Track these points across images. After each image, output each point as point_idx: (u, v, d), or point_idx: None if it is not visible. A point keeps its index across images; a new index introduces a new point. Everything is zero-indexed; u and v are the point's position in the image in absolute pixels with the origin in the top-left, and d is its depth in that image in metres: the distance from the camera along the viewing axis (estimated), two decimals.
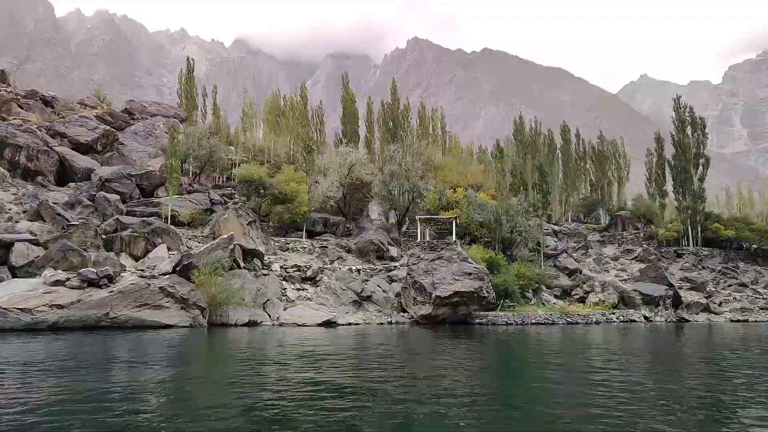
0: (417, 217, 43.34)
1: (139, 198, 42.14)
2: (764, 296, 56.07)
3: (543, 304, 45.92)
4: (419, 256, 40.56)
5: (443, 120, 73.47)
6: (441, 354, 20.92)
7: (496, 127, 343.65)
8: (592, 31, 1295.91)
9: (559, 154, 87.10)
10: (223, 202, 46.35)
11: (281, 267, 39.88)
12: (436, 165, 61.15)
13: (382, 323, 36.99)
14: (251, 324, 31.93)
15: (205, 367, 16.42)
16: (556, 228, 67.53)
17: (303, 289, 38.77)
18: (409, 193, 48.44)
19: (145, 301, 26.71)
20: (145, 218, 35.69)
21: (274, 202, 44.36)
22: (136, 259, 32.45)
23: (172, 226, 36.62)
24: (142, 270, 30.03)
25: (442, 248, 40.89)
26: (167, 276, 29.67)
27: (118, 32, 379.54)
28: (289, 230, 47.15)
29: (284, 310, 35.09)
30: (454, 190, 57.67)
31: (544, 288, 48.65)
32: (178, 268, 30.21)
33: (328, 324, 33.62)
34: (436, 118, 72.03)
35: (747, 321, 50.92)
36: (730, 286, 58.25)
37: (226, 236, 34.44)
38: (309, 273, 40.32)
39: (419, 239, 42.35)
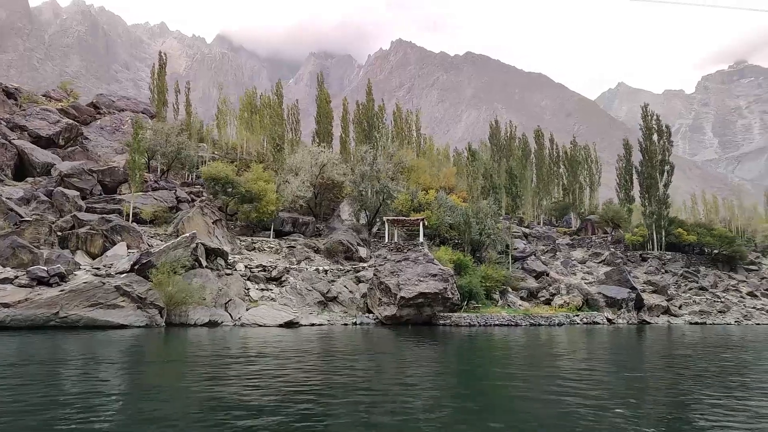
0: (385, 219, 43.45)
1: (100, 194, 41.43)
2: (722, 300, 57.41)
3: (509, 305, 46.38)
4: (386, 257, 40.70)
5: (418, 122, 73.71)
6: (389, 354, 21.03)
7: (478, 130, 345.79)
8: (572, 38, 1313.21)
9: (533, 159, 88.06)
10: (190, 200, 45.89)
11: (246, 267, 39.62)
12: (409, 166, 61.36)
13: (346, 324, 36.99)
14: (211, 324, 31.66)
15: (149, 368, 16.24)
16: (527, 231, 68.24)
17: (267, 290, 38.58)
18: (380, 194, 48.51)
19: (99, 300, 26.29)
20: (105, 215, 35.11)
21: (241, 200, 44.04)
22: (93, 257, 31.92)
23: (134, 224, 36.15)
24: (98, 268, 29.55)
25: (409, 249, 41.07)
26: (125, 275, 29.27)
27: (94, 24, 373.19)
28: (256, 230, 46.87)
29: (246, 310, 34.86)
30: (426, 191, 58.03)
31: (510, 290, 49.13)
32: (136, 267, 29.83)
33: (290, 325, 33.50)
34: (411, 119, 72.20)
35: (705, 323, 52.11)
36: (690, 289, 59.49)
37: (188, 234, 34.11)
38: (274, 273, 40.13)
39: (387, 240, 42.49)
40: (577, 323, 45.67)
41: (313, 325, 35.16)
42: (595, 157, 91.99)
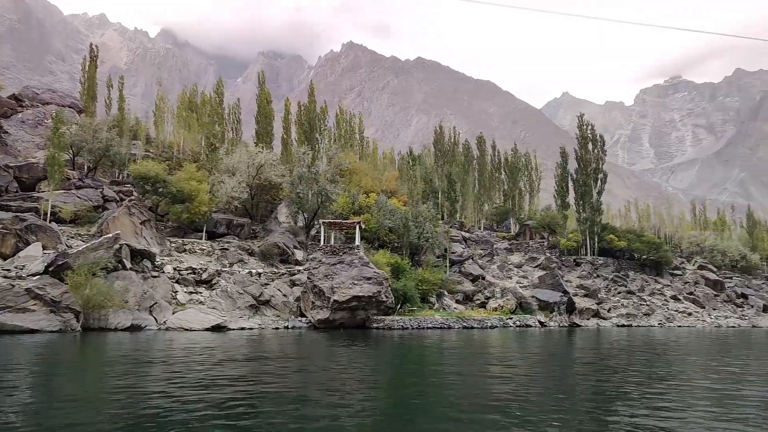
0: (321, 221, 43.00)
1: (17, 191, 39.19)
2: (648, 303, 59.91)
3: (444, 308, 46.83)
4: (320, 260, 40.22)
5: (362, 125, 73.58)
6: (307, 359, 20.72)
7: (428, 135, 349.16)
8: (520, 48, 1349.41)
9: (476, 165, 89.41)
10: (118, 199, 44.09)
11: (175, 269, 38.37)
12: (350, 169, 61.09)
13: (278, 328, 36.41)
14: (134, 328, 30.49)
15: (46, 378, 15.31)
16: (467, 235, 69.19)
17: (196, 293, 37.50)
18: (318, 196, 48.03)
19: (7, 303, 24.83)
20: (20, 214, 33.20)
21: (173, 201, 42.64)
22: (5, 258, 30.10)
23: (52, 224, 34.36)
24: (8, 270, 27.87)
25: (344, 252, 40.75)
26: (38, 277, 27.77)
27: (27, 12, 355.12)
28: (188, 231, 45.51)
29: (173, 314, 33.78)
30: (367, 195, 57.91)
31: (446, 293, 49.63)
32: (51, 269, 28.35)
33: (218, 329, 32.66)
34: (354, 122, 72.00)
35: (631, 326, 54.21)
36: (619, 293, 61.77)
37: (111, 235, 32.72)
38: (205, 276, 39.05)
39: (322, 243, 42.03)
40: (510, 326, 46.57)
41: (242, 329, 34.40)
42: (535, 164, 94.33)
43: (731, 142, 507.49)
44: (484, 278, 56.39)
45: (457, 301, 50.62)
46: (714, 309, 66.28)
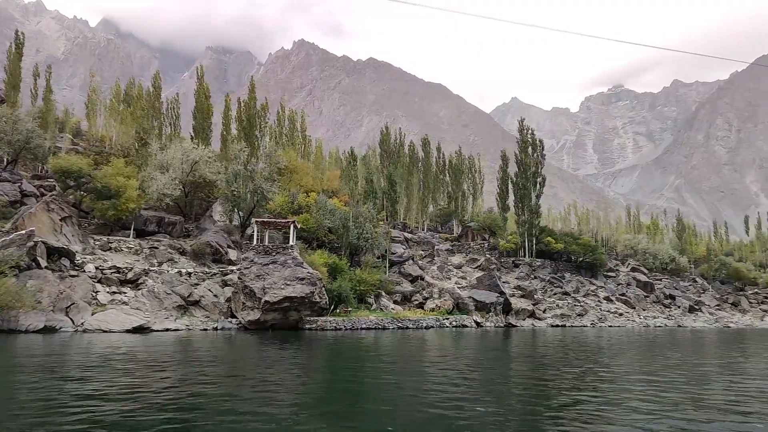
0: (254, 220, 42.05)
1: None
2: (582, 304, 61.68)
3: (381, 309, 46.71)
4: (252, 260, 39.34)
5: (304, 123, 72.68)
6: (220, 361, 20.04)
7: (379, 135, 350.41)
8: (471, 52, 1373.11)
9: (421, 166, 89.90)
10: (38, 194, 41.84)
11: (97, 268, 36.69)
12: (291, 168, 60.20)
13: (206, 329, 35.36)
14: (48, 330, 28.96)
15: None
16: (408, 236, 69.45)
17: (120, 293, 35.97)
18: (254, 194, 47.04)
19: None
20: None
21: (98, 197, 40.79)
22: None
23: None
24: None
25: (278, 252, 39.99)
26: None
27: None
28: (115, 229, 43.68)
29: (92, 315, 32.29)
30: (308, 194, 57.24)
31: (384, 294, 49.54)
32: None
33: (140, 330, 31.42)
34: (295, 119, 71.02)
35: (565, 326, 55.58)
36: (555, 294, 63.35)
37: (23, 232, 30.93)
38: (130, 275, 37.51)
39: (256, 242, 41.12)
40: (447, 326, 46.89)
41: (167, 330, 33.22)
42: (479, 167, 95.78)
43: (669, 150, 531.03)
44: (423, 279, 56.66)
45: (396, 302, 50.63)
46: (644, 309, 68.91)
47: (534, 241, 69.82)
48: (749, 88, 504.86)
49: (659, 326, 61.86)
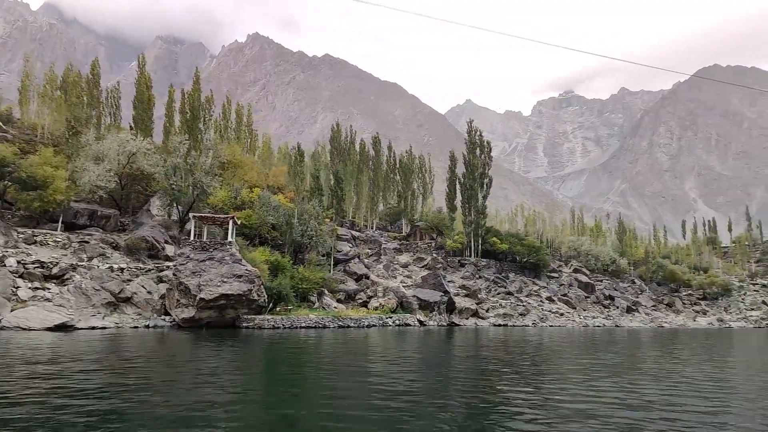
0: (192, 215, 40.72)
1: None
2: (524, 304, 62.75)
3: (324, 308, 46.11)
4: (188, 256, 38.03)
5: (250, 117, 71.12)
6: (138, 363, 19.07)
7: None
8: (427, 52, 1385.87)
9: (372, 165, 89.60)
10: None
11: (19, 262, 34.67)
12: (235, 162, 58.77)
13: (137, 327, 33.93)
14: None
15: None
16: (356, 234, 69.04)
17: (43, 288, 34.07)
18: (193, 188, 45.57)
19: None
20: None
21: (23, 187, 38.57)
22: None
23: None
24: None
25: (215, 249, 38.82)
26: None
27: None
28: (42, 221, 41.45)
29: (10, 311, 30.40)
30: (252, 189, 56.02)
31: (327, 292, 48.96)
32: None
33: (63, 328, 29.78)
34: (242, 113, 69.42)
35: (507, 325, 56.38)
36: (498, 294, 64.23)
37: None
38: (56, 270, 35.62)
39: (193, 238, 39.81)
40: (390, 325, 46.70)
41: (94, 328, 31.66)
42: (429, 167, 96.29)
43: (615, 155, 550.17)
44: (368, 277, 56.38)
45: (339, 300, 50.13)
46: (584, 310, 70.76)
47: (480, 241, 70.62)
48: (690, 99, 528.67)
49: (598, 326, 63.60)
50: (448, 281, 60.99)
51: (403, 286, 56.92)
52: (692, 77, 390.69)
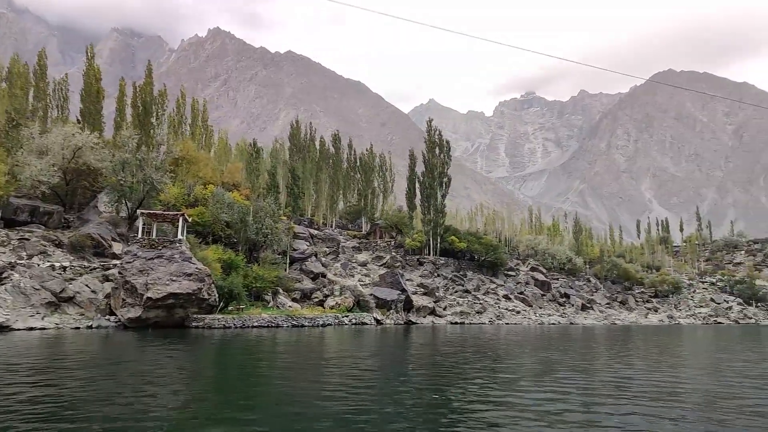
0: (139, 212, 39.43)
1: None
2: (481, 302, 63.24)
3: (278, 307, 45.39)
4: (136, 254, 36.79)
5: (206, 113, 69.51)
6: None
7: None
8: (390, 51, 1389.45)
9: (331, 162, 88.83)
10: None
11: None
12: (189, 158, 57.27)
13: (79, 328, 32.61)
14: None
15: None
16: (314, 232, 68.22)
17: None
18: (143, 184, 44.14)
19: None
20: None
21: None
22: None
23: None
24: None
25: (164, 246, 37.66)
26: None
27: None
28: None
29: None
30: (206, 186, 54.78)
31: (282, 291, 48.21)
32: None
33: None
34: (197, 109, 67.78)
35: (464, 323, 56.70)
36: (456, 292, 64.56)
37: None
38: None
39: (140, 235, 38.52)
40: (346, 324, 46.29)
41: (32, 329, 30.28)
42: (390, 165, 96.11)
43: (574, 156, 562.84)
44: (325, 276, 55.82)
45: (294, 300, 49.44)
46: (540, 307, 71.82)
47: (439, 240, 70.86)
48: (646, 102, 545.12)
49: (553, 323, 64.62)
50: (407, 280, 60.97)
51: (361, 285, 56.60)
52: (648, 81, 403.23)
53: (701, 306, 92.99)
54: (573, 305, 77.00)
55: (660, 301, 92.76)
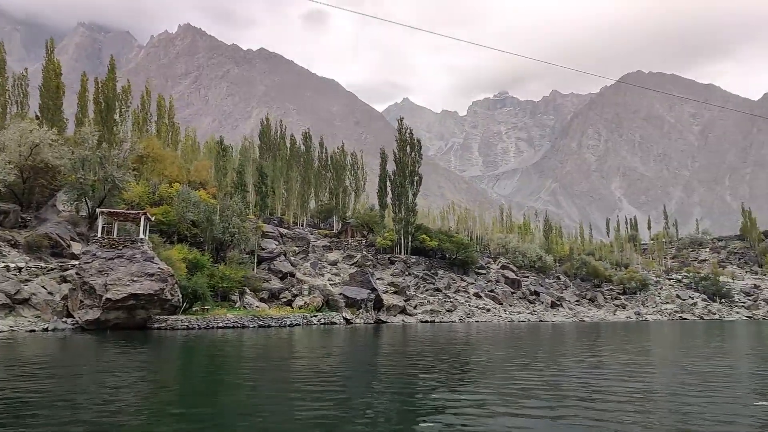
0: (99, 211, 38.31)
1: None
2: (452, 300, 63.34)
3: (245, 307, 44.65)
4: (95, 254, 35.75)
5: (172, 110, 68.03)
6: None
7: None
8: (365, 50, 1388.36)
9: (302, 161, 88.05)
10: None
11: None
12: (154, 156, 56.00)
13: (34, 330, 31.53)
14: None
15: None
16: (284, 231, 67.46)
17: None
18: (104, 183, 42.93)
19: None
20: None
21: None
22: None
23: None
24: None
25: (125, 246, 36.68)
26: None
27: None
28: None
29: None
30: (171, 184, 53.67)
31: (249, 291, 47.46)
32: None
33: None
34: (163, 105, 66.31)
35: (434, 321, 56.64)
36: (427, 290, 64.52)
37: None
38: None
39: (100, 235, 37.42)
40: (314, 324, 45.76)
41: None
42: (361, 164, 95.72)
43: (546, 155, 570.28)
44: (293, 275, 55.16)
45: (262, 300, 48.72)
46: (510, 305, 72.27)
47: (410, 239, 70.75)
48: (616, 102, 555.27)
49: (523, 321, 65.04)
50: (377, 279, 60.68)
51: (331, 284, 56.12)
52: (618, 82, 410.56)
53: (667, 302, 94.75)
54: (543, 303, 77.69)
55: (628, 298, 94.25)
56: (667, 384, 15.34)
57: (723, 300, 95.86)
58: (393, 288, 61.29)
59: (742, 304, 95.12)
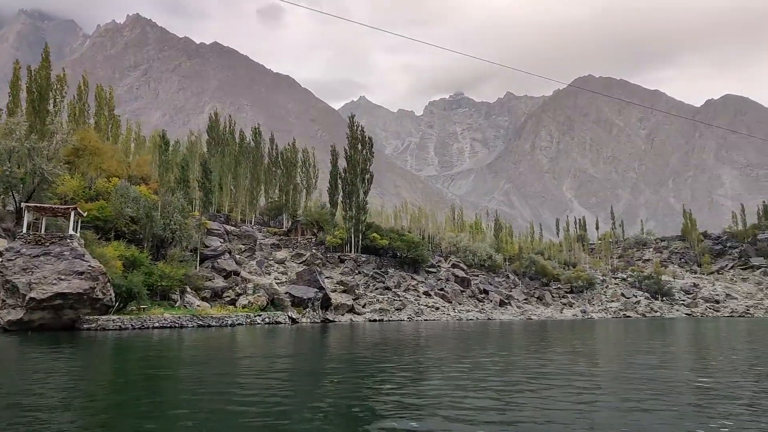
0: (24, 206, 36.21)
1: None
2: (401, 298, 63.13)
3: (186, 306, 43.16)
4: (19, 251, 33.82)
5: (112, 101, 65.19)
6: None
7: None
8: (322, 47, 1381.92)
9: (251, 157, 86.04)
10: None
11: None
12: (91, 149, 53.48)
13: None
14: None
15: None
16: (230, 228, 65.70)
17: None
18: (33, 176, 40.64)
19: None
20: None
21: None
22: None
23: None
24: None
25: (52, 243, 34.78)
26: None
27: None
28: None
29: None
30: (109, 179, 51.45)
31: (190, 290, 45.92)
32: None
33: None
34: (103, 96, 63.47)
35: (383, 320, 56.24)
36: (377, 289, 64.11)
37: None
38: None
39: (26, 231, 35.35)
40: (258, 323, 44.73)
41: None
42: (314, 161, 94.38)
43: (500, 156, 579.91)
44: (238, 274, 53.74)
45: (204, 299, 47.22)
46: (460, 303, 72.64)
47: (361, 237, 70.16)
48: (568, 105, 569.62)
49: (471, 319, 65.38)
50: (326, 277, 59.87)
51: (277, 283, 55.01)
52: (569, 85, 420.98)
53: (612, 301, 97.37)
54: (492, 301, 78.45)
55: (575, 297, 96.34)
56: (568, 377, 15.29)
57: (664, 298, 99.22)
58: (342, 287, 60.59)
59: (682, 302, 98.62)
